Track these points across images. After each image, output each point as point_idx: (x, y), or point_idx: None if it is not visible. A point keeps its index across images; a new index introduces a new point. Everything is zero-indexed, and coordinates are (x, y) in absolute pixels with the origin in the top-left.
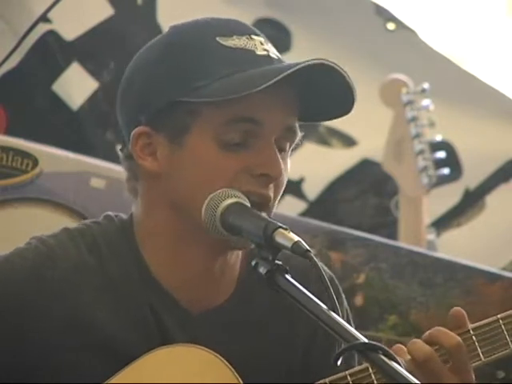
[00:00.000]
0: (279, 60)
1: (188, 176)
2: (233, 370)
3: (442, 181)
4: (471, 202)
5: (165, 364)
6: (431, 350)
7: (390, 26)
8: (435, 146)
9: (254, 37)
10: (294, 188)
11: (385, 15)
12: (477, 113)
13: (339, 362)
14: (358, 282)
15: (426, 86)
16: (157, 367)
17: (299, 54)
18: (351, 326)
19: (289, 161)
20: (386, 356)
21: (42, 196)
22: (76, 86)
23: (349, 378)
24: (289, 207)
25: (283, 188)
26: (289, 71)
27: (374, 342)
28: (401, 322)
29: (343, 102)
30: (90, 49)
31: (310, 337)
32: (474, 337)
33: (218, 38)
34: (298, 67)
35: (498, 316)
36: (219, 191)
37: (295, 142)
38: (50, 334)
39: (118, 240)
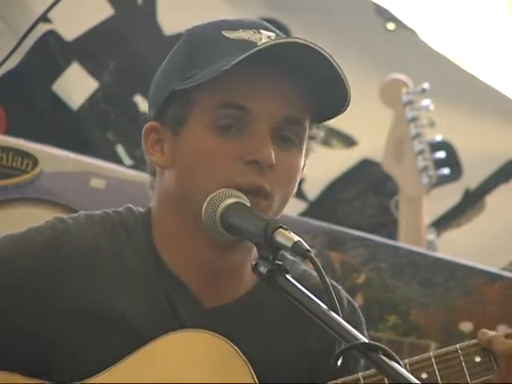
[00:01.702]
0: None
1: (185, 167)
2: (245, 358)
3: (442, 181)
4: (471, 202)
5: (176, 348)
6: None
7: (390, 26)
8: (435, 146)
9: (262, 31)
10: None
11: (385, 15)
12: (477, 113)
13: (339, 362)
14: (358, 282)
15: (426, 86)
16: (168, 351)
17: None
18: None
19: (302, 158)
20: (386, 356)
21: (41, 196)
22: (76, 85)
23: (362, 381)
24: (289, 207)
25: (289, 183)
26: (259, 47)
27: (374, 342)
28: (401, 322)
29: (336, 101)
30: (90, 49)
31: (319, 353)
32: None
33: (223, 32)
34: (270, 44)
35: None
36: (219, 191)
37: (306, 137)
38: (64, 306)
39: (137, 230)
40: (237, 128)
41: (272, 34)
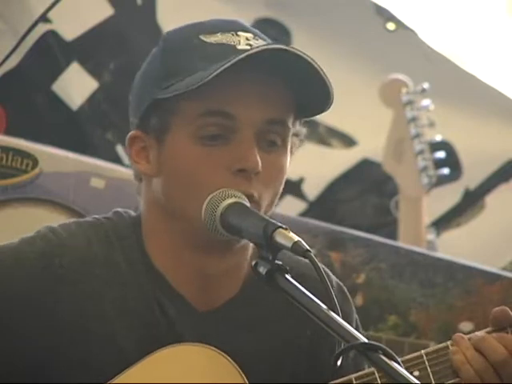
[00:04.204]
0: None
1: (171, 177)
2: (239, 370)
3: (442, 181)
4: (471, 202)
5: (172, 363)
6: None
7: (390, 26)
8: (435, 146)
9: (240, 33)
10: (294, 188)
11: (385, 15)
12: (477, 113)
13: (339, 362)
14: (358, 282)
15: (425, 86)
16: (163, 366)
17: None
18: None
19: (287, 157)
20: (386, 356)
21: (41, 196)
22: (76, 85)
23: (354, 381)
24: (289, 207)
25: (275, 184)
26: (239, 57)
27: (374, 342)
28: (401, 322)
29: (321, 97)
30: (90, 49)
31: (316, 338)
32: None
33: (201, 36)
34: (252, 51)
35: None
36: (219, 191)
37: (290, 136)
38: (56, 321)
39: (128, 235)
40: (223, 137)
41: (250, 35)
